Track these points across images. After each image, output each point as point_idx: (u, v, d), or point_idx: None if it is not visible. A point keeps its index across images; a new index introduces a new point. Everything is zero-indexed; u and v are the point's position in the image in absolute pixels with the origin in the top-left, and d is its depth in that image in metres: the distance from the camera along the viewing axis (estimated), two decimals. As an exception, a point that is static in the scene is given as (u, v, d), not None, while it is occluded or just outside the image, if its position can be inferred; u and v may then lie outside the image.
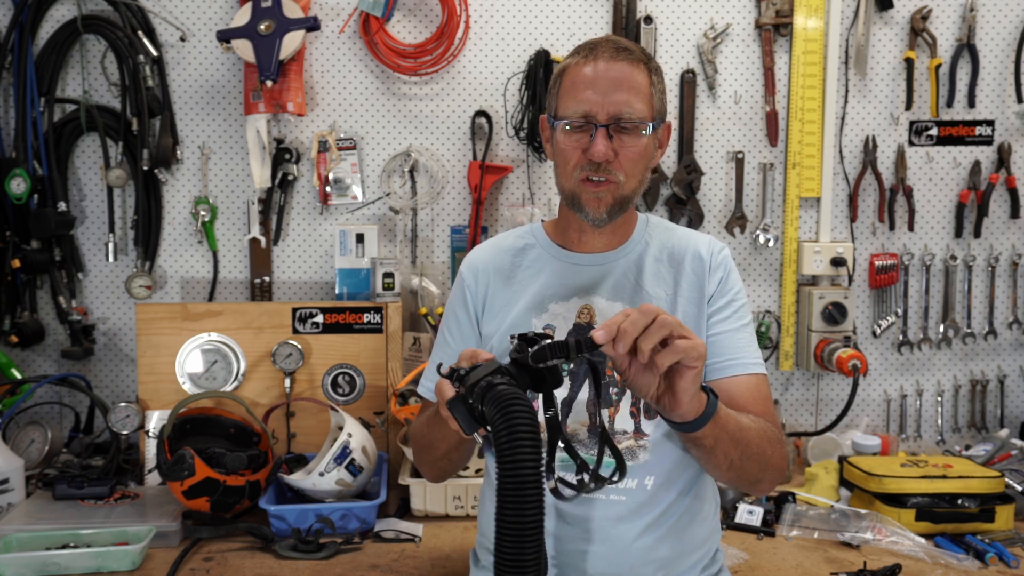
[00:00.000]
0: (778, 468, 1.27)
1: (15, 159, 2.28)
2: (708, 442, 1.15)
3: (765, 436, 1.24)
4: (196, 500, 1.83)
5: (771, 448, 1.24)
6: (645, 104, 1.29)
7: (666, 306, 1.34)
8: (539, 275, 1.41)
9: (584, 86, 1.29)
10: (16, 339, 2.30)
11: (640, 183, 1.34)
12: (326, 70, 2.36)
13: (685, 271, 1.38)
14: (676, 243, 1.41)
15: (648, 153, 1.32)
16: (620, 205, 1.33)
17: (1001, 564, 1.72)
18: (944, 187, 2.43)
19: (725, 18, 2.37)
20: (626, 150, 1.29)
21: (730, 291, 1.37)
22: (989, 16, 2.39)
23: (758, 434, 1.22)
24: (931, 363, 2.46)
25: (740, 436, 1.19)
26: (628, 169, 1.30)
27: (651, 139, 1.32)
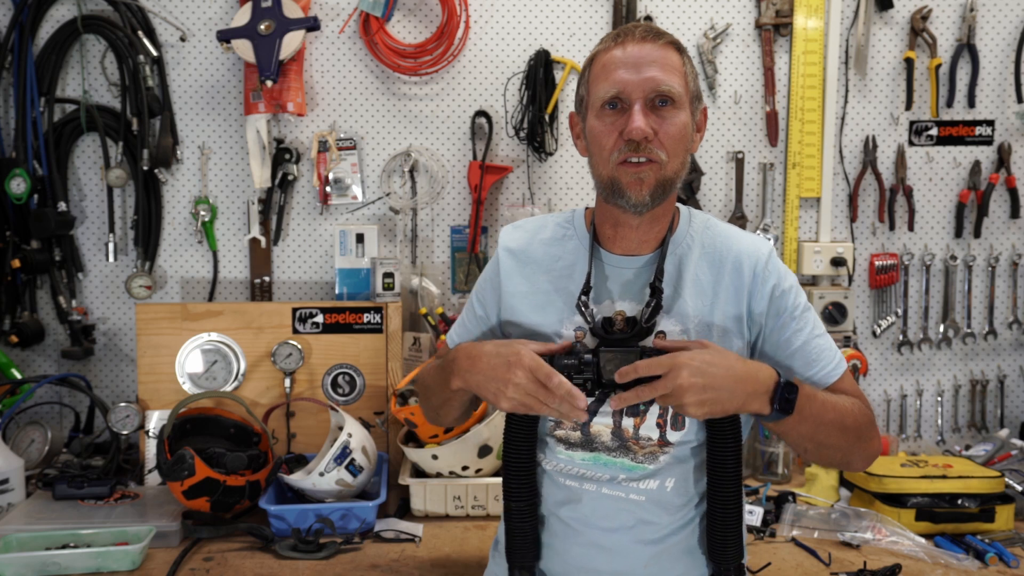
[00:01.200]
0: (870, 452, 1.34)
1: (15, 159, 2.29)
2: (781, 430, 1.25)
3: (855, 419, 1.30)
4: (196, 500, 1.83)
5: (856, 427, 1.30)
6: (680, 82, 1.25)
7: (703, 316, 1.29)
8: (573, 272, 1.35)
9: (616, 67, 1.25)
10: (16, 339, 2.30)
11: (682, 165, 1.28)
12: (326, 70, 2.36)
13: (724, 280, 1.31)
14: (718, 245, 1.34)
15: (687, 133, 1.27)
16: (662, 188, 1.25)
17: (1001, 564, 1.72)
18: (944, 187, 2.43)
19: (725, 18, 2.37)
20: (666, 126, 1.24)
21: (788, 302, 1.32)
22: (989, 16, 2.39)
23: (848, 416, 1.28)
24: (931, 363, 2.46)
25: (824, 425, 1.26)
26: (669, 147, 1.24)
27: (689, 119, 1.27)
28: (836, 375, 1.33)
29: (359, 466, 1.87)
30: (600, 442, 1.31)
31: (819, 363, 1.32)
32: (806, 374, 1.32)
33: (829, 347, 1.34)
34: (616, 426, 1.30)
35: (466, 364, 1.29)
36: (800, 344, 1.32)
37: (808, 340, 1.32)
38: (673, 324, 1.29)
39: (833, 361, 1.34)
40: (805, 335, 1.32)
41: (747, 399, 1.18)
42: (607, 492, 1.31)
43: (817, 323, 1.35)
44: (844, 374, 1.35)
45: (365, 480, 1.90)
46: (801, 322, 1.33)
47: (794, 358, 1.32)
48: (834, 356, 1.34)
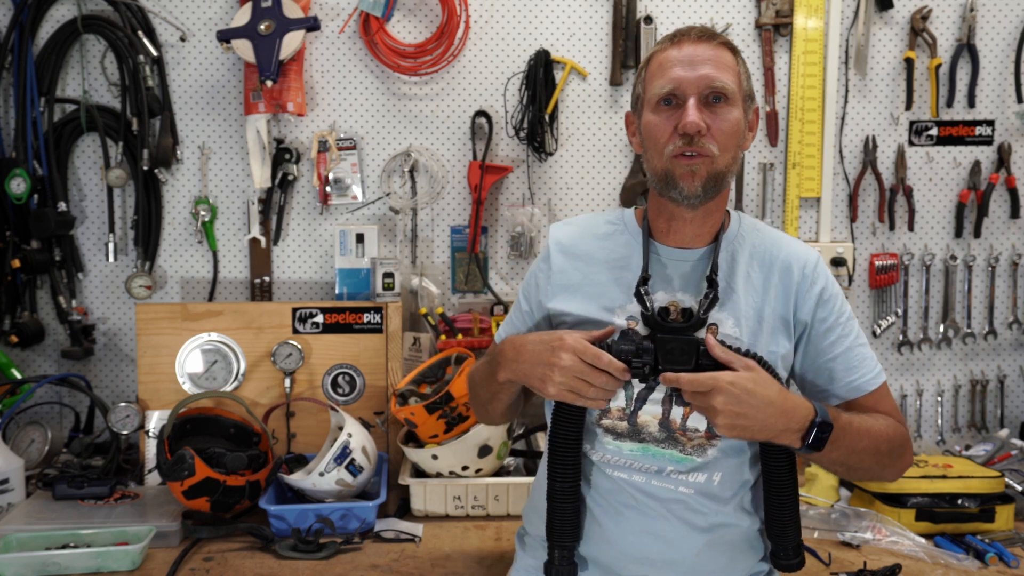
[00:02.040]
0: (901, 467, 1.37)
1: (15, 159, 2.28)
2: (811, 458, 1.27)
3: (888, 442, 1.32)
4: (196, 500, 1.83)
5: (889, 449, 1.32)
6: (734, 79, 1.29)
7: (754, 312, 1.33)
8: (625, 263, 1.38)
9: (672, 64, 1.29)
10: (16, 339, 2.30)
11: (733, 160, 1.31)
12: (326, 70, 2.36)
13: (773, 280, 1.35)
14: (768, 246, 1.38)
15: (740, 129, 1.30)
16: (715, 181, 1.28)
17: (1001, 564, 1.72)
18: (944, 187, 2.43)
19: (725, 18, 2.37)
20: (719, 122, 1.27)
21: (835, 307, 1.37)
22: (989, 16, 2.39)
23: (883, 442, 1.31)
24: (931, 363, 2.46)
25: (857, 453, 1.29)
26: (722, 142, 1.27)
27: (742, 116, 1.30)
28: (875, 384, 1.36)
29: (359, 466, 1.87)
30: (648, 432, 1.32)
31: (860, 370, 1.36)
32: (847, 379, 1.35)
33: (870, 357, 1.38)
34: (664, 416, 1.32)
35: (511, 354, 1.33)
36: (843, 350, 1.35)
37: (851, 347, 1.36)
38: (726, 317, 1.32)
39: (873, 371, 1.37)
40: (848, 342, 1.36)
41: (779, 433, 1.22)
42: (656, 484, 1.33)
43: (860, 333, 1.39)
44: (882, 387, 1.38)
45: (365, 480, 1.90)
46: (846, 329, 1.36)
47: (836, 362, 1.35)
48: (874, 366, 1.38)
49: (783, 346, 1.34)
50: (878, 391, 1.37)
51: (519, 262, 2.41)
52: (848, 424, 1.27)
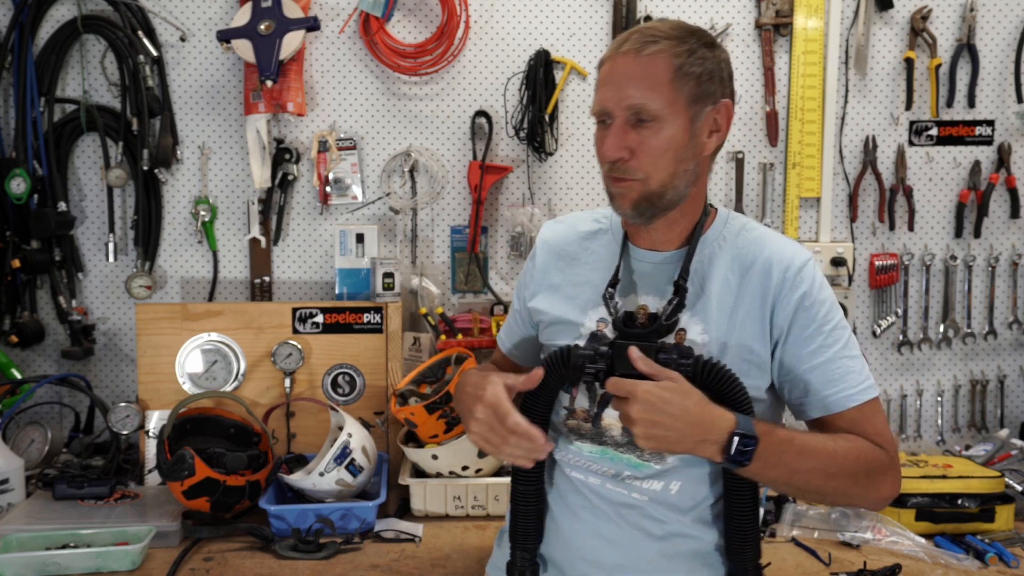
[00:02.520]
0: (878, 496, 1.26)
1: (15, 159, 2.28)
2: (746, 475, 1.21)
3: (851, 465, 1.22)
4: (196, 500, 1.83)
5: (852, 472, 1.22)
6: (662, 96, 1.22)
7: (727, 317, 1.27)
8: (602, 264, 1.37)
9: (603, 83, 1.27)
10: (16, 339, 2.30)
11: (673, 176, 1.25)
12: (326, 70, 2.36)
13: (751, 283, 1.28)
14: (750, 247, 1.30)
15: (676, 144, 1.24)
16: (649, 202, 1.26)
17: (1001, 564, 1.72)
18: (944, 187, 2.43)
19: (725, 18, 2.37)
20: (644, 145, 1.23)
21: (817, 316, 1.26)
22: (989, 16, 2.39)
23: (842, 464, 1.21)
24: (931, 363, 2.46)
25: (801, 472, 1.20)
26: (648, 165, 1.24)
27: (681, 129, 1.24)
28: (854, 401, 1.26)
29: (359, 466, 1.87)
30: (609, 436, 1.32)
31: (839, 384, 1.26)
32: (822, 392, 1.26)
33: (857, 371, 1.27)
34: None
35: (457, 389, 1.36)
36: (822, 361, 1.26)
37: (833, 359, 1.26)
38: (696, 323, 1.28)
39: (857, 386, 1.26)
40: (831, 353, 1.26)
41: (696, 445, 1.16)
42: (611, 487, 1.31)
43: (851, 345, 1.29)
44: (867, 404, 1.27)
45: (365, 480, 1.90)
46: (830, 338, 1.27)
47: (813, 373, 1.26)
48: (860, 381, 1.27)
49: (757, 353, 1.27)
50: (859, 410, 1.26)
51: (519, 262, 2.41)
52: (788, 440, 1.19)
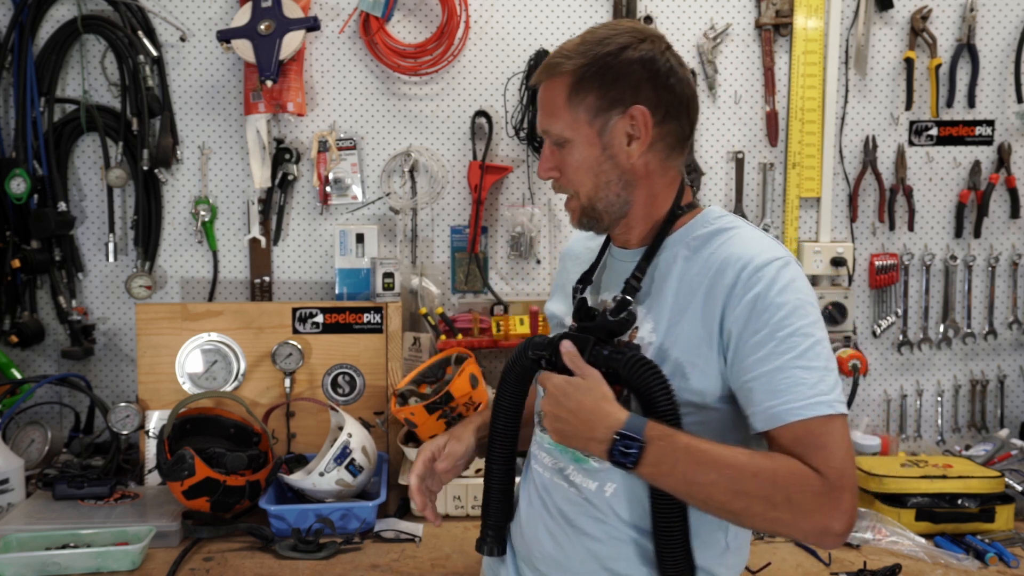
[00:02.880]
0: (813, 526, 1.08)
1: (15, 159, 2.28)
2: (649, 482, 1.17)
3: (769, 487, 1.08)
4: (196, 500, 1.83)
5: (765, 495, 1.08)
6: (562, 121, 1.24)
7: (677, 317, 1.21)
8: (589, 263, 1.40)
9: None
10: (16, 339, 2.30)
11: (596, 189, 1.25)
12: (326, 70, 2.36)
13: (704, 285, 1.20)
14: (715, 248, 1.22)
15: (588, 161, 1.24)
16: (589, 216, 1.29)
17: (1001, 564, 1.72)
18: (944, 187, 2.43)
19: (725, 18, 2.37)
20: (564, 165, 1.27)
21: (770, 320, 1.13)
22: (989, 16, 2.39)
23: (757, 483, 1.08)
24: (931, 363, 2.46)
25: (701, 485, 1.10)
26: (574, 183, 1.27)
27: (587, 146, 1.24)
28: (799, 415, 1.09)
29: (359, 466, 1.87)
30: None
31: (784, 395, 1.10)
32: (764, 404, 1.12)
33: (810, 384, 1.10)
34: None
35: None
36: (768, 370, 1.12)
37: (782, 368, 1.11)
38: (648, 322, 1.24)
39: (804, 399, 1.10)
40: (780, 361, 1.11)
41: (586, 442, 1.16)
42: (555, 480, 1.32)
43: (811, 355, 1.12)
44: (816, 421, 1.09)
45: (365, 480, 1.90)
46: (783, 345, 1.12)
47: (757, 382, 1.13)
48: (811, 395, 1.10)
49: (704, 357, 1.18)
50: (805, 426, 1.09)
51: (519, 262, 2.41)
52: (687, 448, 1.11)
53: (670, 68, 1.24)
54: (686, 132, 1.28)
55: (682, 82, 1.25)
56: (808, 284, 1.19)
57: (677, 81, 1.25)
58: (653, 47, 1.24)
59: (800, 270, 1.20)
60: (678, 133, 1.27)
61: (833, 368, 1.13)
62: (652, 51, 1.24)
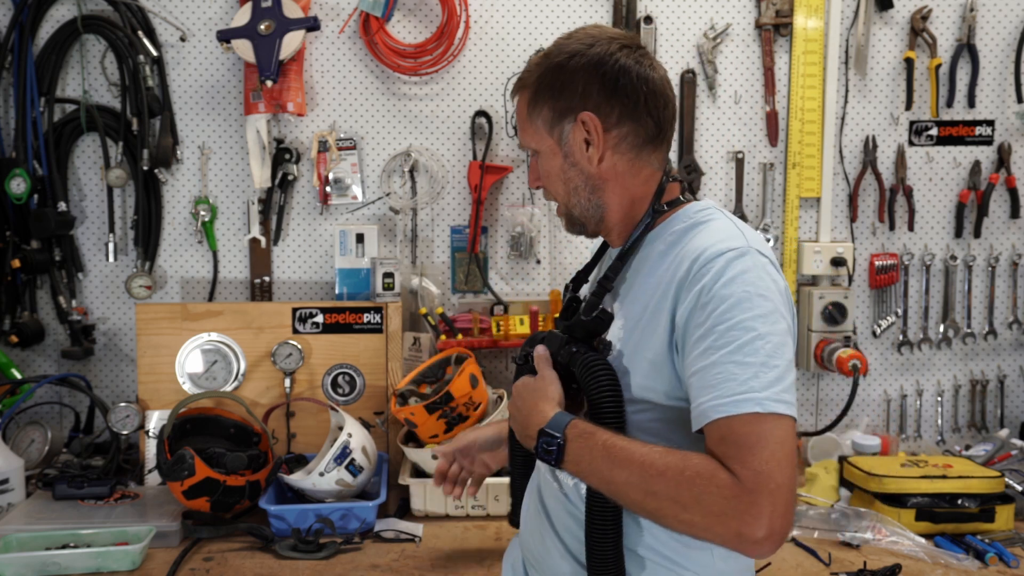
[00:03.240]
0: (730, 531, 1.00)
1: (15, 159, 2.28)
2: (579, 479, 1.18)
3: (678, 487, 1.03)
4: (196, 500, 1.83)
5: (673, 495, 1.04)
6: (528, 133, 1.30)
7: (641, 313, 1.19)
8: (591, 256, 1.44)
9: None
10: (16, 339, 2.30)
11: (568, 195, 1.28)
12: (326, 70, 2.36)
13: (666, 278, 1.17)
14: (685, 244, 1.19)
15: (556, 169, 1.27)
16: (572, 222, 1.32)
17: (1001, 564, 1.72)
18: (944, 187, 2.43)
19: (725, 18, 2.37)
20: (542, 175, 1.32)
21: (712, 313, 1.08)
22: (989, 16, 2.38)
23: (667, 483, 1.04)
24: (931, 363, 2.46)
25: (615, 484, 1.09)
26: (550, 191, 1.32)
27: (553, 155, 1.27)
28: (722, 412, 1.03)
29: (359, 466, 1.87)
30: None
31: (713, 391, 1.05)
32: (697, 400, 1.08)
33: (741, 380, 1.04)
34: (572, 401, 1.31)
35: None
36: (706, 364, 1.07)
37: (718, 362, 1.05)
38: (619, 319, 1.23)
39: (731, 395, 1.03)
40: (716, 356, 1.06)
41: (526, 440, 1.22)
42: (548, 479, 1.32)
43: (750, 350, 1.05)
44: (739, 419, 1.02)
45: (365, 480, 1.90)
46: (722, 339, 1.06)
47: (695, 378, 1.08)
48: (738, 391, 1.03)
49: (661, 355, 1.15)
50: (725, 424, 1.03)
51: (519, 262, 2.41)
52: (604, 446, 1.09)
53: (620, 68, 1.21)
54: (652, 130, 1.24)
55: (639, 80, 1.22)
56: (768, 275, 1.11)
57: (630, 81, 1.21)
58: (603, 50, 1.22)
59: (763, 260, 1.12)
60: (643, 132, 1.24)
61: (776, 364, 1.05)
62: (601, 54, 1.22)
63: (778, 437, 1.02)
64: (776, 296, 1.10)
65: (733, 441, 1.02)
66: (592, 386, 1.16)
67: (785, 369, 1.06)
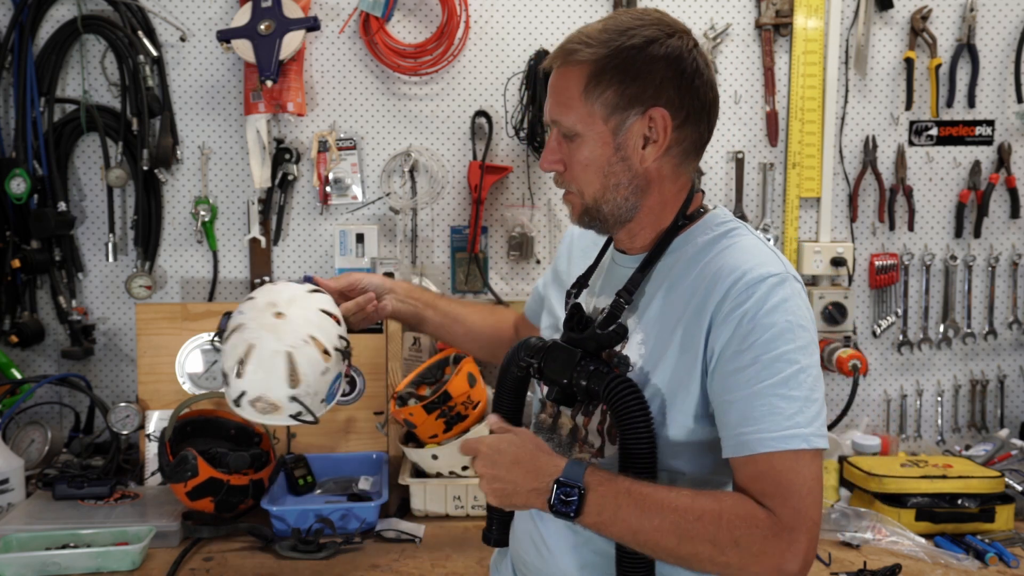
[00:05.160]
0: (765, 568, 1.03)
1: (15, 159, 2.28)
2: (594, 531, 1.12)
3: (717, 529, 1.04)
4: (200, 501, 1.83)
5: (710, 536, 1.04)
6: (574, 113, 1.17)
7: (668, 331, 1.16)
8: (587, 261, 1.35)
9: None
10: (16, 339, 2.30)
11: (603, 190, 1.19)
12: (326, 70, 2.36)
13: (697, 296, 1.14)
14: (712, 256, 1.16)
15: (598, 160, 1.17)
16: (591, 216, 1.22)
17: (1001, 564, 1.72)
18: (944, 187, 2.43)
19: (725, 18, 2.37)
20: (571, 160, 1.19)
21: (756, 341, 1.07)
22: (989, 16, 2.38)
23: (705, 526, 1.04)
24: (931, 363, 2.46)
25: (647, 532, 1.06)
26: (579, 180, 1.20)
27: (599, 144, 1.17)
28: (766, 447, 1.04)
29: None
30: (559, 435, 1.29)
31: (758, 424, 1.05)
32: (736, 430, 1.07)
33: (787, 415, 1.04)
34: (573, 423, 1.28)
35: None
36: (749, 393, 1.06)
37: (762, 392, 1.05)
38: (638, 333, 1.20)
39: (778, 430, 1.04)
40: (762, 386, 1.05)
41: (528, 496, 1.12)
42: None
43: (795, 384, 1.05)
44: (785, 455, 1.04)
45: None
46: (767, 370, 1.06)
47: (734, 405, 1.07)
48: (785, 426, 1.04)
49: (691, 377, 1.13)
50: (770, 459, 1.04)
51: (519, 262, 2.41)
52: (631, 493, 1.06)
53: (696, 69, 1.16)
54: (704, 138, 1.21)
55: (707, 85, 1.18)
56: (804, 304, 1.12)
57: (702, 84, 1.17)
58: (681, 44, 1.16)
59: (798, 287, 1.12)
60: (696, 139, 1.20)
61: (817, 399, 1.06)
62: (680, 48, 1.15)
63: (815, 473, 1.05)
64: (812, 327, 1.11)
65: (773, 479, 1.04)
66: (626, 409, 1.12)
67: (823, 403, 1.08)
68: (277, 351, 1.42)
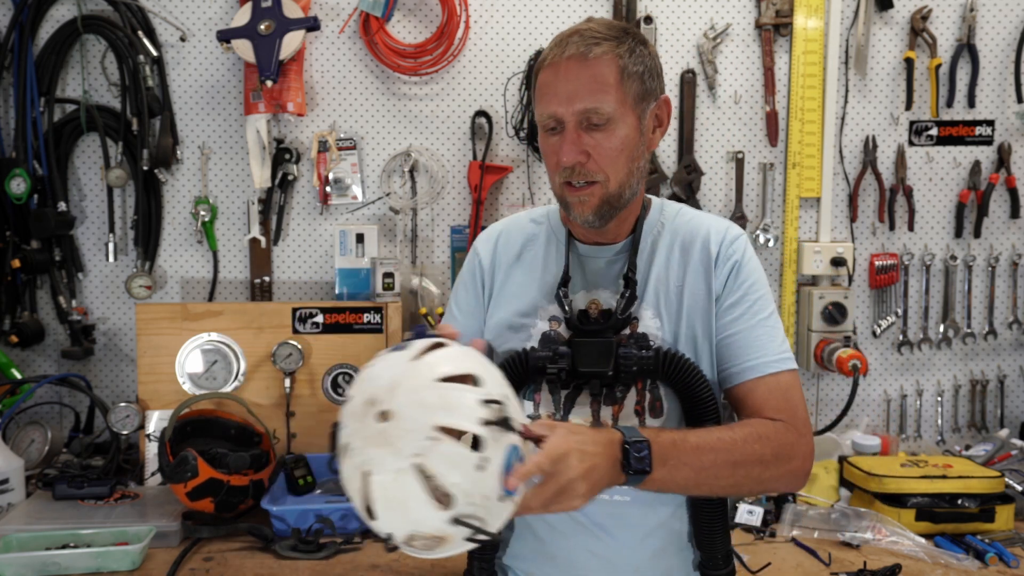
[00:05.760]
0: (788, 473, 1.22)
1: (15, 159, 2.28)
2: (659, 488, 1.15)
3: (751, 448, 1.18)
4: (200, 501, 1.83)
5: (758, 456, 1.18)
6: (613, 98, 1.21)
7: (675, 298, 1.30)
8: (548, 263, 1.36)
9: (549, 90, 1.23)
10: (16, 339, 2.30)
11: (629, 175, 1.25)
12: (326, 70, 2.36)
13: (692, 261, 1.31)
14: (689, 229, 1.33)
15: (630, 143, 1.24)
16: (609, 204, 1.26)
17: (1001, 564, 1.72)
18: (944, 187, 2.43)
19: (725, 18, 2.37)
20: (599, 148, 1.22)
21: (742, 285, 1.29)
22: (989, 16, 2.39)
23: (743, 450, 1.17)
24: (931, 363, 2.46)
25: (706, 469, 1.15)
26: (607, 167, 1.23)
27: (632, 128, 1.24)
28: (769, 369, 1.25)
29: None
30: None
31: (758, 351, 1.26)
32: (741, 358, 1.26)
33: (776, 341, 1.27)
34: (594, 419, 1.29)
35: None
36: (745, 328, 1.27)
37: (756, 326, 1.27)
38: (647, 309, 1.30)
39: (773, 355, 1.26)
40: (754, 321, 1.27)
41: (610, 471, 1.07)
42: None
43: (774, 318, 1.29)
44: (780, 376, 1.26)
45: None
46: (756, 307, 1.28)
47: (735, 338, 1.27)
48: (777, 352, 1.27)
49: (707, 326, 1.29)
50: (771, 379, 1.25)
51: (519, 262, 2.40)
52: (680, 441, 1.15)
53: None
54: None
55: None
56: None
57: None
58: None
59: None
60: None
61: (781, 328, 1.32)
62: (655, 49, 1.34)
63: (799, 385, 1.29)
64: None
65: (781, 394, 1.25)
66: (692, 379, 1.24)
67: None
68: (400, 470, 0.98)
